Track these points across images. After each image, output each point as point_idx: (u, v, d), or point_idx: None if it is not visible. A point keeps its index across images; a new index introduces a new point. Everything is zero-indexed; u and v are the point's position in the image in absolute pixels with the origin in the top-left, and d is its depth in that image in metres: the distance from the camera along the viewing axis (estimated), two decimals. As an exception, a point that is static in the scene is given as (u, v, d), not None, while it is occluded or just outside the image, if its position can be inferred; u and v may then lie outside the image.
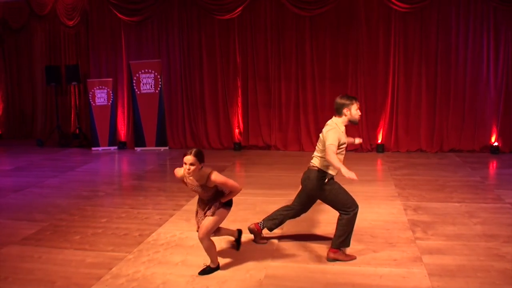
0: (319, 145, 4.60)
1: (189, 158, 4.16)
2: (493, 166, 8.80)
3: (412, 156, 9.55)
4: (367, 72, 10.02)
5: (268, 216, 5.07)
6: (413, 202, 6.35)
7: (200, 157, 4.21)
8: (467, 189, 6.98)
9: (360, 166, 8.74)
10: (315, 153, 4.65)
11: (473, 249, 4.72)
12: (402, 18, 9.71)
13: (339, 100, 4.55)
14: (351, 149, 10.15)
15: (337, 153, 4.37)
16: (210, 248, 4.33)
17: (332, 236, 4.82)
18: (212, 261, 4.40)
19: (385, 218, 5.73)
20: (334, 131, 4.43)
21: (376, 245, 4.89)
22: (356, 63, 10.05)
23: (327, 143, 4.33)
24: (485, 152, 9.63)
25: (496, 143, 9.58)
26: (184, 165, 4.18)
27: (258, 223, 5.06)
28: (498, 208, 6.06)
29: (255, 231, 5.04)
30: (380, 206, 6.22)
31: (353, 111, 4.55)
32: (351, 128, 10.08)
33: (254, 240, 5.08)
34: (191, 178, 4.32)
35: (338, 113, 4.58)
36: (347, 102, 4.53)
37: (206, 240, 4.28)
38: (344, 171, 4.08)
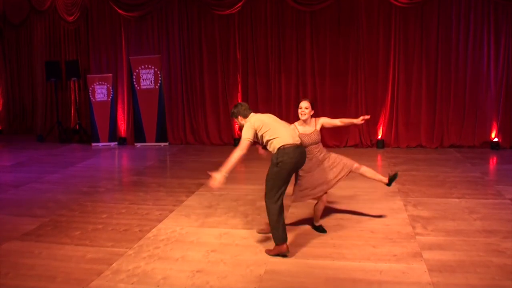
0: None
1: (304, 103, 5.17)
2: (493, 161, 8.80)
3: (412, 152, 9.55)
4: (367, 67, 10.01)
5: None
6: (413, 198, 6.36)
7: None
8: (467, 184, 6.98)
9: (360, 162, 8.71)
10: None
11: (472, 244, 4.73)
12: (403, 13, 9.68)
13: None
14: (350, 144, 10.18)
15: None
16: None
17: (330, 229, 4.84)
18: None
19: (385, 214, 5.74)
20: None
21: (376, 241, 4.90)
22: (356, 58, 10.04)
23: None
24: (485, 147, 9.62)
25: (496, 139, 9.57)
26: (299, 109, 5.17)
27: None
28: (498, 203, 6.06)
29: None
30: (380, 202, 6.23)
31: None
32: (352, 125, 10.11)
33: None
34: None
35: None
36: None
37: None
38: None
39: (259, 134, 4.78)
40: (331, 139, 10.08)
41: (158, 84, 11.02)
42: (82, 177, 8.11)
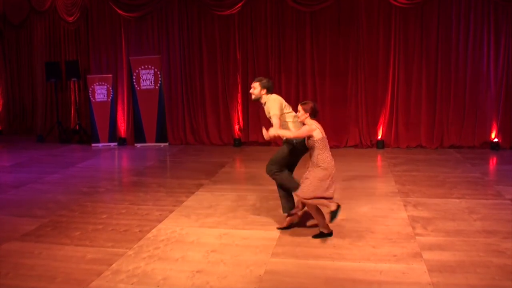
0: None
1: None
2: (493, 162, 8.80)
3: (412, 152, 9.55)
4: (367, 68, 10.00)
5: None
6: (413, 198, 6.36)
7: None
8: (467, 185, 6.98)
9: (360, 162, 8.75)
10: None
11: (472, 245, 4.73)
12: (403, 14, 9.68)
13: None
14: (350, 145, 10.18)
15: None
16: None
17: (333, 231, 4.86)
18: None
19: (385, 214, 5.74)
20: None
21: (376, 241, 4.90)
22: (356, 59, 10.04)
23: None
24: (485, 148, 9.61)
25: (496, 139, 9.57)
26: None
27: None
28: (498, 204, 6.06)
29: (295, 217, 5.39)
30: (380, 202, 6.23)
31: None
32: (351, 123, 10.12)
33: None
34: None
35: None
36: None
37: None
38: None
39: (281, 112, 5.38)
40: (331, 139, 9.99)
41: (158, 85, 11.02)
42: (82, 178, 8.11)
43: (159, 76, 10.98)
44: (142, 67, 11.02)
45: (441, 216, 5.60)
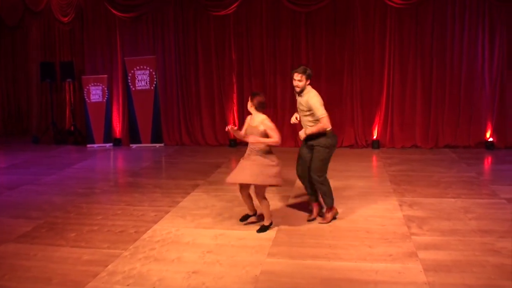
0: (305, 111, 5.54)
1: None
2: (488, 161, 8.84)
3: (407, 152, 9.57)
4: (362, 68, 10.02)
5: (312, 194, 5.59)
6: (408, 198, 6.38)
7: None
8: (462, 184, 7.01)
9: (355, 162, 8.76)
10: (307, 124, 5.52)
11: (468, 244, 4.75)
12: (398, 14, 9.71)
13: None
14: (346, 145, 10.19)
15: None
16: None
17: (326, 230, 4.84)
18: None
19: (380, 214, 5.75)
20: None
21: (371, 241, 4.91)
22: (351, 59, 10.04)
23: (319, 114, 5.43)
24: (480, 147, 9.66)
25: (491, 139, 9.61)
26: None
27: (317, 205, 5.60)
28: (493, 203, 6.09)
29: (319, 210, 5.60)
30: (375, 202, 6.24)
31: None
32: (346, 123, 10.13)
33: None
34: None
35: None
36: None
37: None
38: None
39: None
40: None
41: (154, 85, 11.00)
42: (78, 179, 8.08)
43: (155, 76, 10.96)
44: (138, 67, 11.00)
45: (437, 216, 5.62)
